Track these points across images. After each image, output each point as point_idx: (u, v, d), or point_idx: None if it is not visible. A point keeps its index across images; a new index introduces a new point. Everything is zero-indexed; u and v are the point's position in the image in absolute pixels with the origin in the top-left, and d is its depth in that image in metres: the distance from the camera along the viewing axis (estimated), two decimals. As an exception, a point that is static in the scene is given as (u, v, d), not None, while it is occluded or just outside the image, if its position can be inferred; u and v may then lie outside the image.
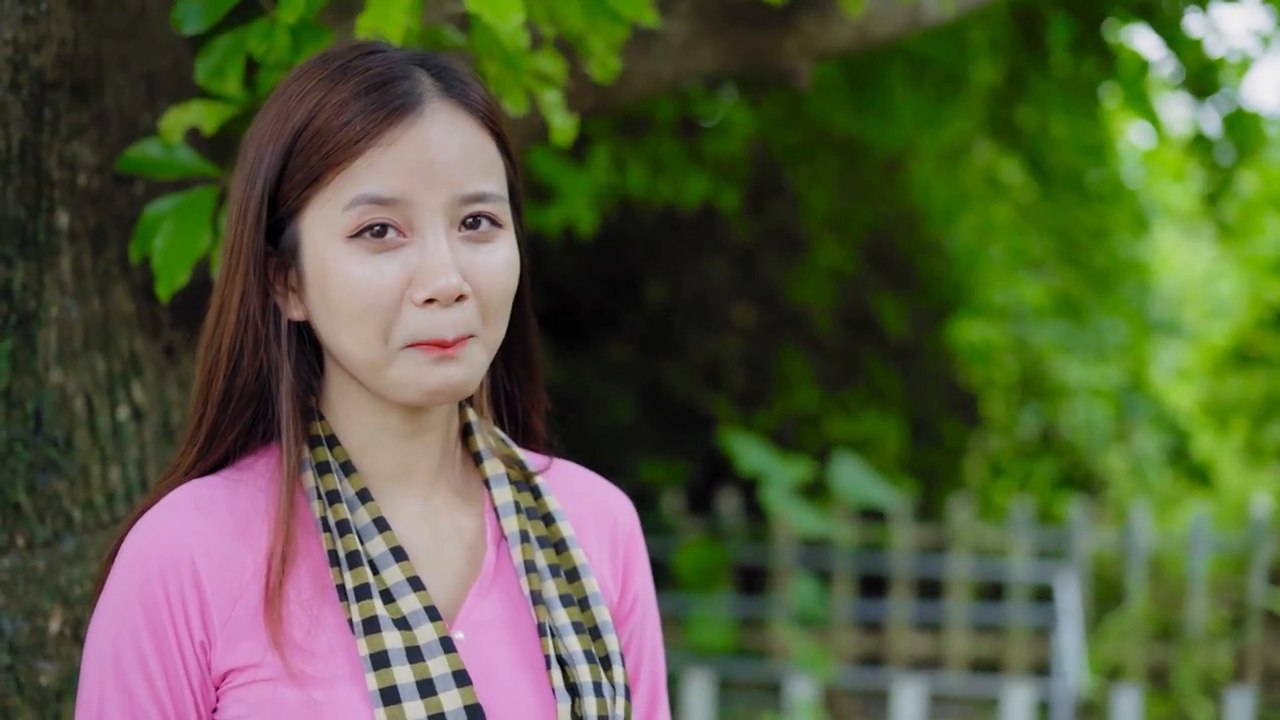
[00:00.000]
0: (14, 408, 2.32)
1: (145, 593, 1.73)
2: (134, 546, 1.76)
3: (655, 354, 10.51)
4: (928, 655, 9.57)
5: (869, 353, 10.62)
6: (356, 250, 1.71)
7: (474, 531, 1.88)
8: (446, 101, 1.75)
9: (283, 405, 1.79)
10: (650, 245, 10.37)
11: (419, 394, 1.75)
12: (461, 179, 1.73)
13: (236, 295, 1.78)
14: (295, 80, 1.79)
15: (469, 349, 1.75)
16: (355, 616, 1.73)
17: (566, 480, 1.99)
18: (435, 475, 1.88)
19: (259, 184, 1.76)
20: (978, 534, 9.67)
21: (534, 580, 1.84)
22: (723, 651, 8.67)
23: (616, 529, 1.99)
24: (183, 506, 1.77)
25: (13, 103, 2.30)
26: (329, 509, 1.79)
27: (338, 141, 1.71)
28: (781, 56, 3.23)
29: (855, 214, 10.04)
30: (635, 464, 10.20)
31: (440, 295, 1.70)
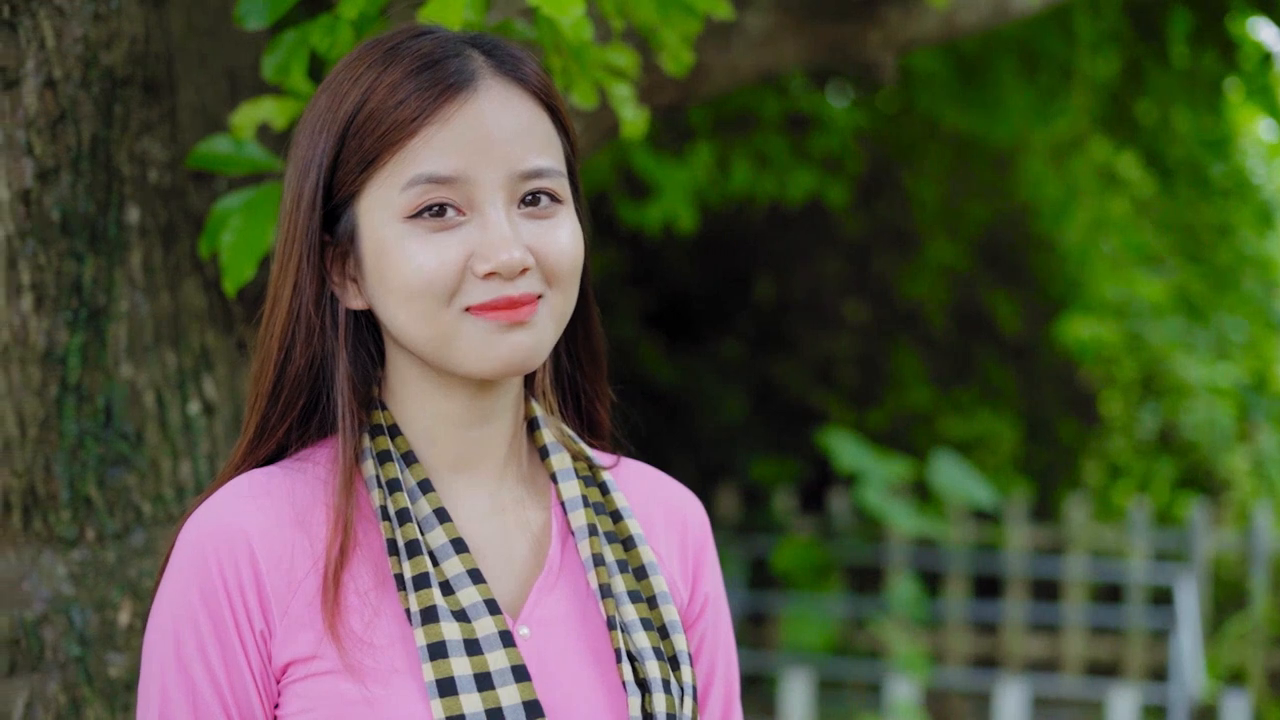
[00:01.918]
0: (85, 402, 2.35)
1: (204, 581, 1.72)
2: (191, 535, 1.75)
3: (767, 352, 10.47)
4: (1043, 657, 9.44)
5: (983, 350, 10.49)
6: (415, 230, 1.69)
7: (540, 525, 1.85)
8: (500, 77, 1.73)
9: (339, 395, 1.77)
10: (760, 242, 10.33)
11: (487, 366, 1.71)
12: (519, 155, 1.71)
13: (289, 286, 1.77)
14: (345, 67, 1.77)
15: (538, 312, 1.72)
16: (413, 606, 1.70)
17: (635, 479, 1.96)
18: (502, 467, 1.84)
19: (313, 172, 1.75)
20: (1095, 535, 9.53)
21: (602, 574, 1.81)
22: (824, 651, 8.61)
23: (687, 530, 1.95)
24: (240, 494, 1.76)
25: (83, 100, 2.32)
26: (389, 498, 1.76)
27: (392, 122, 1.69)
28: (864, 49, 3.19)
29: (967, 209, 9.93)
30: (746, 462, 10.17)
31: (503, 269, 1.68)
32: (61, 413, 2.34)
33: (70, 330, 2.33)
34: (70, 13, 2.30)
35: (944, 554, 9.25)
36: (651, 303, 10.21)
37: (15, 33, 2.27)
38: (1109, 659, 9.40)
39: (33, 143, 2.29)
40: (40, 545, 2.34)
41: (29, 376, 2.32)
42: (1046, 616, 9.43)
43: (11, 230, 2.30)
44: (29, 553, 2.34)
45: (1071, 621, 9.34)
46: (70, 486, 2.34)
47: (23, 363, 2.31)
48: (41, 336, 2.32)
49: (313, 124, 1.77)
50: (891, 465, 6.63)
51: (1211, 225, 9.46)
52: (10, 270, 2.30)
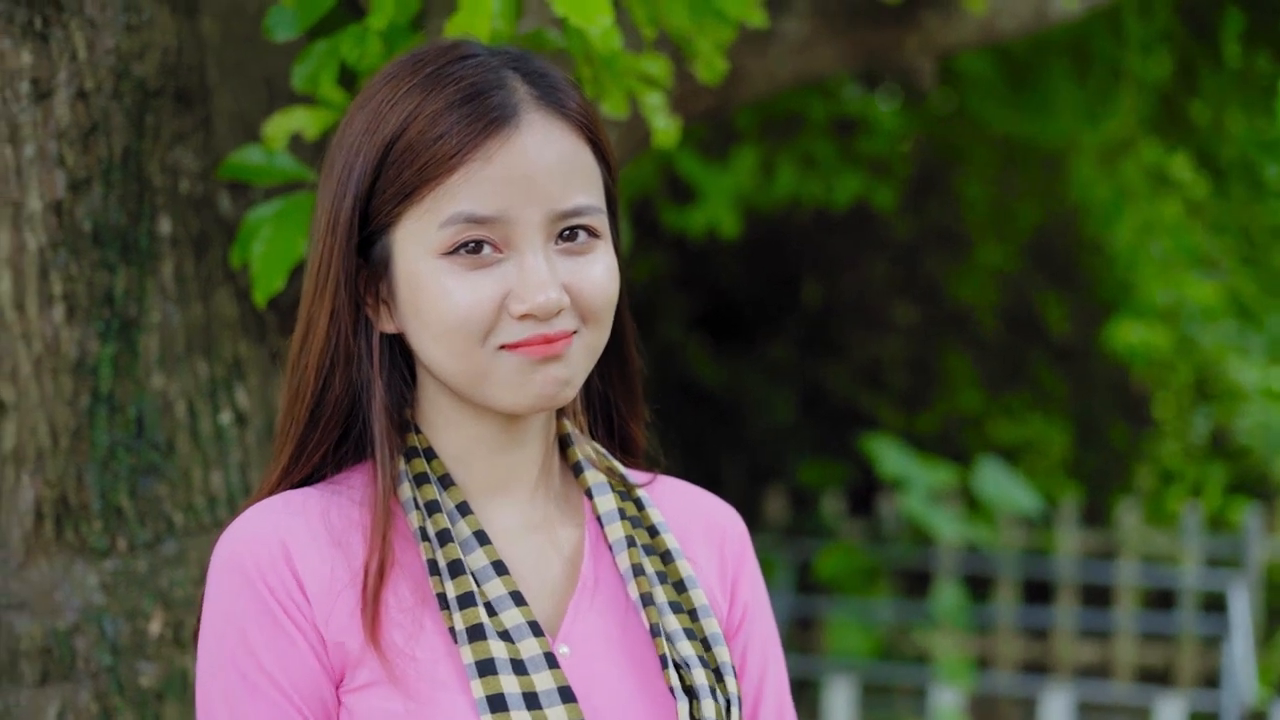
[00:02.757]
0: (116, 412, 2.36)
1: (246, 587, 1.70)
2: (225, 552, 1.74)
3: (815, 354, 10.44)
4: (1094, 663, 9.37)
5: (1033, 353, 10.43)
6: (451, 266, 1.67)
7: (574, 543, 1.84)
8: (542, 110, 1.71)
9: (376, 421, 1.75)
10: (808, 244, 10.30)
11: (521, 401, 1.70)
12: (559, 193, 1.69)
13: (326, 311, 1.74)
14: (384, 85, 1.74)
15: (572, 347, 1.71)
16: (458, 625, 1.69)
17: (671, 494, 1.94)
18: (534, 487, 1.83)
19: (349, 196, 1.72)
20: (1146, 540, 9.46)
21: (643, 584, 1.79)
22: (870, 656, 8.58)
23: (725, 540, 1.93)
24: (275, 509, 1.75)
25: (115, 111, 2.33)
26: (428, 519, 1.74)
27: (432, 156, 1.67)
28: (902, 55, 3.17)
29: (1017, 210, 9.87)
30: (794, 465, 10.14)
31: (539, 311, 1.66)
32: (93, 423, 2.34)
33: (102, 341, 2.34)
34: (102, 24, 2.31)
35: (994, 558, 9.20)
36: (699, 305, 10.20)
37: (47, 44, 2.28)
38: (1160, 665, 9.33)
39: (64, 154, 2.30)
40: (72, 555, 2.35)
41: (61, 387, 2.33)
42: (1097, 622, 9.36)
43: (44, 241, 2.30)
44: (61, 562, 2.35)
45: (1122, 627, 9.27)
46: (102, 496, 2.35)
47: (55, 373, 2.32)
48: (73, 347, 2.33)
49: (349, 144, 1.74)
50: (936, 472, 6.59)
51: (1265, 227, 9.36)
52: (42, 281, 2.31)
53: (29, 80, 2.29)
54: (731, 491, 10.29)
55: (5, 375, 2.32)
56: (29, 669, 2.35)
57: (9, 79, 2.28)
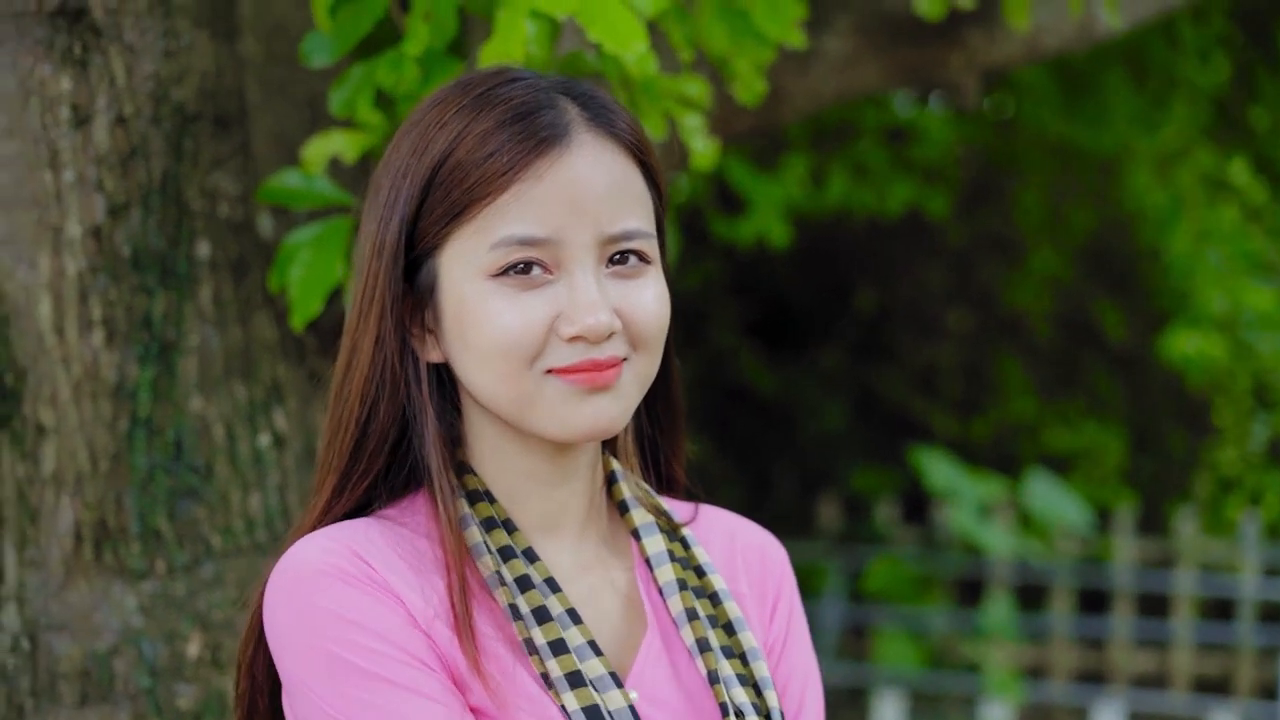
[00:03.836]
0: (155, 435, 2.37)
1: (336, 582, 1.64)
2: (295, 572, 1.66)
3: (868, 361, 10.40)
4: (1150, 673, 9.30)
5: (1089, 360, 10.36)
6: (500, 288, 1.64)
7: (626, 584, 1.80)
8: (594, 131, 1.68)
9: (431, 456, 1.70)
10: (861, 250, 10.27)
11: (569, 431, 1.66)
12: (610, 216, 1.66)
13: (370, 337, 1.70)
14: (431, 108, 1.72)
15: (622, 376, 1.67)
16: (554, 671, 1.65)
17: (712, 526, 1.91)
18: (583, 526, 1.79)
19: (395, 219, 1.68)
20: (1205, 549, 9.38)
21: (698, 629, 1.77)
22: (921, 665, 8.54)
23: (766, 568, 1.91)
24: (333, 534, 1.69)
25: (154, 136, 2.34)
26: (503, 565, 1.70)
27: (482, 174, 1.64)
28: (946, 72, 3.15)
29: (1072, 217, 9.80)
30: (847, 472, 10.10)
31: (589, 333, 1.63)
32: (132, 446, 2.36)
33: (141, 364, 2.36)
34: (141, 50, 2.32)
35: (1049, 567, 9.14)
36: (752, 312, 10.18)
37: (86, 70, 2.30)
38: (1218, 675, 9.24)
39: (104, 179, 2.32)
40: (111, 577, 2.36)
41: (100, 410, 2.34)
42: (1154, 632, 9.29)
43: (83, 266, 2.32)
44: (100, 585, 2.36)
45: (1180, 637, 9.19)
46: (141, 519, 2.36)
47: (94, 397, 2.34)
48: (113, 371, 2.34)
49: (395, 169, 1.71)
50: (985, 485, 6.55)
51: (1327, 233, 9.27)
52: (82, 305, 2.32)
53: (69, 106, 2.31)
54: (784, 498, 10.27)
55: (45, 399, 2.34)
56: (68, 690, 2.37)
57: (49, 105, 2.30)
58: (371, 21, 2.28)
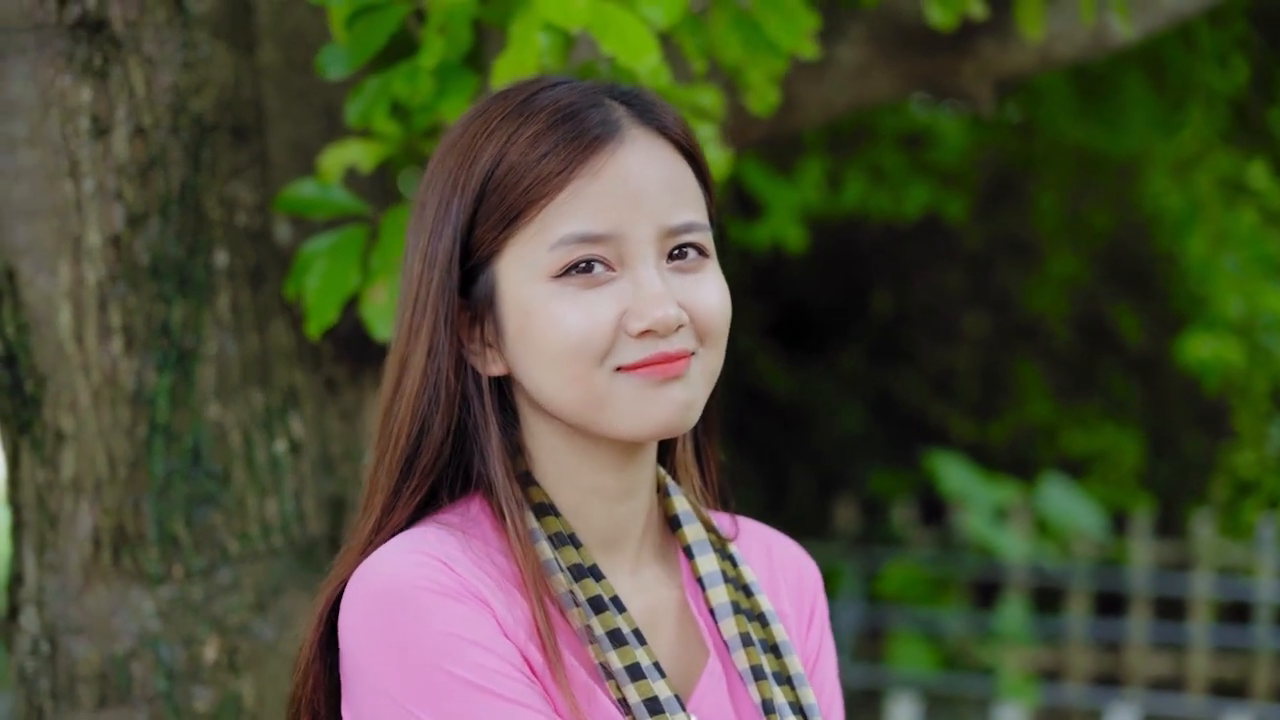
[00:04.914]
0: (173, 442, 2.40)
1: (442, 592, 1.59)
2: (379, 583, 1.60)
3: (885, 364, 10.41)
4: (1166, 676, 9.29)
5: (1106, 363, 10.35)
6: (563, 289, 1.62)
7: (679, 604, 1.78)
8: (642, 127, 1.67)
9: (496, 471, 1.67)
10: (878, 253, 10.28)
11: (643, 427, 1.63)
12: (668, 209, 1.64)
13: (422, 351, 1.67)
14: (474, 120, 1.70)
15: (691, 369, 1.64)
16: (632, 697, 1.63)
17: (753, 541, 1.90)
18: (640, 542, 1.76)
19: (447, 230, 1.66)
20: (1222, 552, 9.37)
21: (752, 655, 1.75)
22: (936, 668, 8.54)
23: (803, 587, 1.90)
24: (423, 545, 1.63)
25: (173, 146, 2.37)
26: (575, 584, 1.67)
27: (536, 176, 1.62)
28: (959, 81, 3.17)
29: (1090, 220, 9.80)
30: (864, 474, 10.11)
31: (659, 326, 1.61)
32: (150, 452, 2.39)
33: (159, 371, 2.38)
34: (160, 61, 2.35)
35: (1066, 570, 9.14)
36: (769, 315, 10.20)
37: (106, 82, 2.33)
38: (1235, 678, 9.23)
39: (123, 189, 2.35)
40: (129, 582, 2.39)
41: (119, 417, 2.37)
42: (1171, 635, 9.28)
43: (103, 274, 2.35)
44: (118, 589, 2.39)
45: (1196, 640, 9.18)
46: (158, 524, 2.39)
47: (113, 403, 2.37)
48: (131, 378, 2.37)
49: (442, 182, 1.69)
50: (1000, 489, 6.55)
51: (1346, 236, 9.24)
52: (101, 313, 2.35)
53: (89, 116, 2.33)
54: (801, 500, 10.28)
55: (64, 405, 2.37)
56: (86, 693, 2.40)
57: (69, 115, 2.33)
58: (387, 33, 2.31)
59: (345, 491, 2.65)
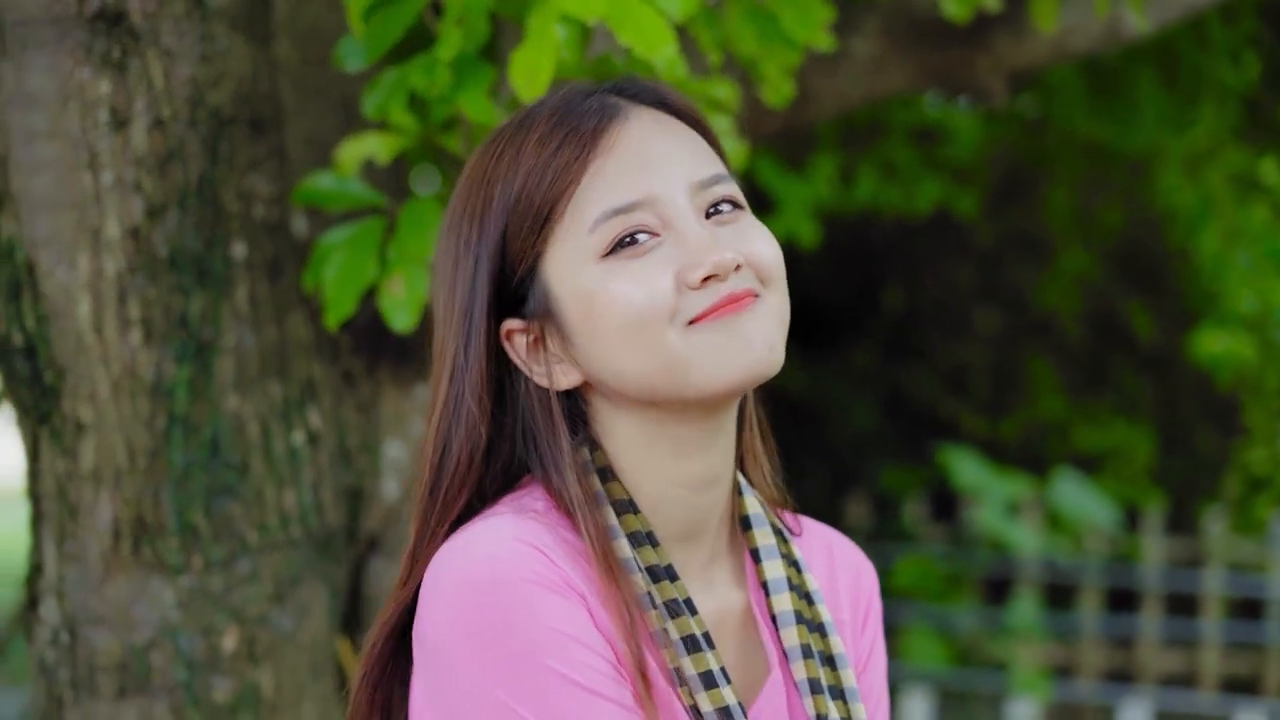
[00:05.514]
0: (192, 433, 2.41)
1: (546, 586, 1.57)
2: (489, 579, 1.57)
3: (897, 360, 10.41)
4: (1178, 672, 9.29)
5: (1118, 360, 10.35)
6: (615, 265, 1.61)
7: (743, 607, 1.76)
8: (643, 106, 1.68)
9: (572, 486, 1.64)
10: (890, 249, 10.28)
11: (732, 371, 1.60)
12: (691, 165, 1.65)
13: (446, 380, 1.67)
14: (479, 158, 1.70)
15: (760, 308, 1.61)
16: (704, 706, 1.61)
17: (814, 543, 1.87)
18: (715, 538, 1.73)
19: (474, 257, 1.66)
20: (1234, 548, 9.36)
21: (811, 667, 1.72)
22: (949, 663, 8.54)
23: (860, 591, 1.88)
24: (519, 533, 1.60)
25: (191, 139, 2.38)
26: (653, 586, 1.64)
27: (555, 170, 1.63)
28: (973, 74, 3.17)
29: (1102, 217, 9.80)
30: (876, 471, 10.12)
31: (719, 269, 1.59)
32: (169, 443, 2.40)
33: (178, 363, 2.40)
34: (178, 54, 2.36)
35: (1078, 566, 9.14)
36: (781, 309, 10.18)
37: (125, 74, 2.34)
38: (1247, 675, 9.23)
39: (142, 181, 2.36)
40: (149, 572, 2.41)
41: (138, 408, 2.38)
42: (1182, 631, 9.28)
43: (122, 266, 2.36)
44: (138, 579, 2.40)
45: (1208, 636, 9.18)
46: (178, 515, 2.40)
47: (132, 395, 2.38)
48: (150, 369, 2.38)
49: (458, 218, 1.69)
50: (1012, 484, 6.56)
51: (1358, 232, 9.23)
52: (120, 305, 2.36)
53: (107, 109, 2.34)
54: (813, 496, 10.28)
55: (84, 397, 2.38)
56: (106, 683, 2.41)
57: (88, 108, 2.34)
58: (405, 26, 2.31)
59: (362, 483, 2.66)
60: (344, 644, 2.65)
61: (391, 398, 2.70)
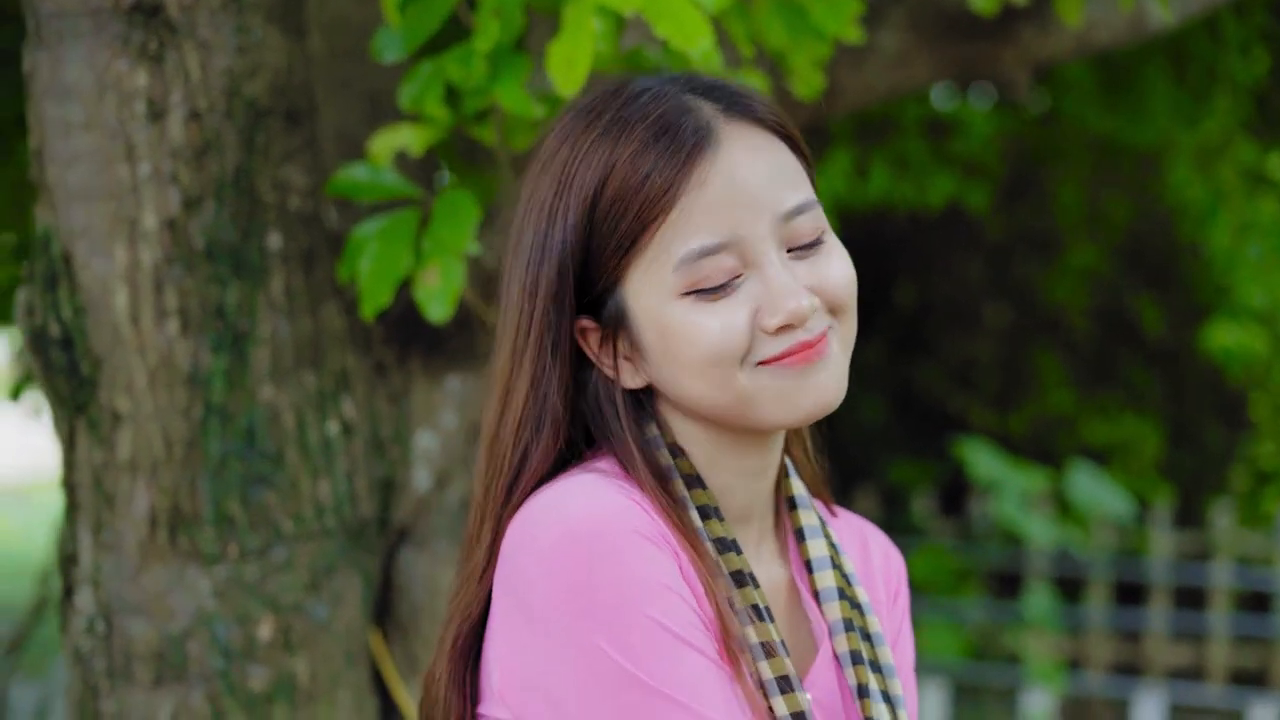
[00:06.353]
0: (228, 423, 2.42)
1: (651, 540, 1.60)
2: (600, 531, 1.59)
3: (907, 355, 10.41)
4: (1186, 665, 9.30)
5: (1126, 354, 10.36)
6: (695, 302, 1.64)
7: (787, 583, 1.81)
8: (735, 121, 1.68)
9: (643, 475, 1.67)
10: (900, 245, 10.28)
11: (794, 413, 1.66)
12: (779, 196, 1.66)
13: (526, 381, 1.70)
14: (562, 144, 1.70)
15: (830, 347, 1.66)
16: (765, 674, 1.64)
17: (847, 530, 1.92)
18: (764, 516, 1.79)
19: (550, 261, 1.67)
20: (1241, 541, 9.37)
21: (853, 640, 1.77)
22: (962, 656, 8.55)
23: (889, 567, 1.94)
24: (619, 493, 1.64)
25: (227, 130, 2.39)
26: (720, 556, 1.68)
27: (644, 199, 1.63)
28: (999, 67, 3.18)
29: (1111, 212, 9.81)
30: (885, 465, 10.13)
31: (794, 318, 1.63)
32: (206, 433, 2.41)
33: (215, 353, 2.41)
34: (215, 46, 2.37)
35: (1086, 560, 9.15)
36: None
37: (162, 66, 2.35)
38: (1255, 668, 9.24)
39: (179, 173, 2.37)
40: (185, 561, 2.42)
41: (175, 398, 2.40)
42: (1190, 624, 9.29)
43: (159, 257, 2.37)
44: (174, 568, 2.42)
45: (1216, 629, 9.19)
46: (214, 504, 2.42)
47: (169, 385, 2.39)
48: (187, 359, 2.40)
49: (537, 209, 1.70)
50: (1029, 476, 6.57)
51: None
52: (157, 295, 2.38)
53: (145, 101, 2.36)
54: (822, 491, 10.27)
55: (121, 387, 2.39)
56: (143, 671, 2.43)
57: (126, 100, 2.35)
58: (441, 18, 2.33)
59: (394, 474, 2.68)
60: (375, 635, 2.66)
61: (422, 388, 2.71)
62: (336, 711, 2.52)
